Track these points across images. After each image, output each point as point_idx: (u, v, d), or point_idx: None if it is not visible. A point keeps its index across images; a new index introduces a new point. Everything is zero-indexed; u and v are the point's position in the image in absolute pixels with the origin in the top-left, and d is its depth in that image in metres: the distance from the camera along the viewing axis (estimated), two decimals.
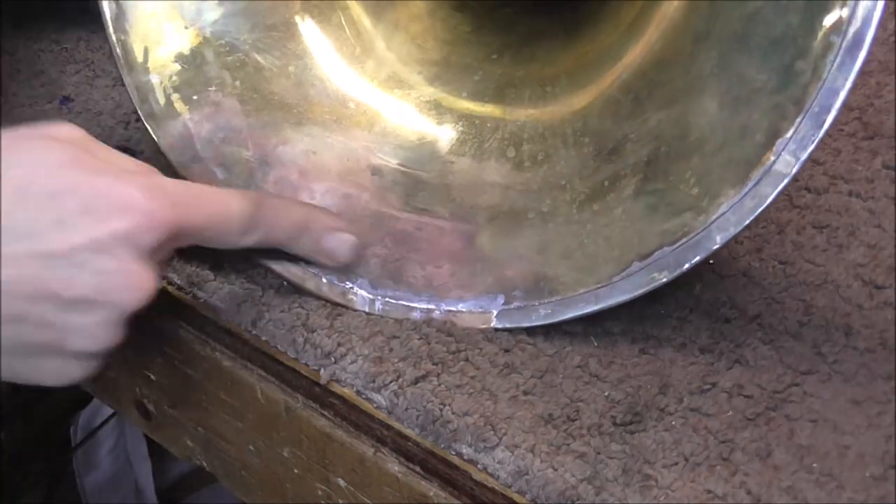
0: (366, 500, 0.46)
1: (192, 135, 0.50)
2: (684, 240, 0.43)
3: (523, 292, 0.47)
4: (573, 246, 0.46)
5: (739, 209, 0.42)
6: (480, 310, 0.47)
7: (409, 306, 0.48)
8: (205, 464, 0.53)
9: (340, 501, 0.47)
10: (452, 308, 0.47)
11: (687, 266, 0.43)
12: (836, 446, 0.42)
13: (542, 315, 0.46)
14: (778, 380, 0.45)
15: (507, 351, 0.46)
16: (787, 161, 0.41)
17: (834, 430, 0.43)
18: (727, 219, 0.42)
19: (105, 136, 0.59)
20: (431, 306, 0.48)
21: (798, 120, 0.41)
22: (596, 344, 0.47)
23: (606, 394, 0.44)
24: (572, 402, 0.44)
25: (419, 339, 0.47)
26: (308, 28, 0.53)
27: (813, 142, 0.41)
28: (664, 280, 0.44)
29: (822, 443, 0.42)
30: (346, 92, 0.52)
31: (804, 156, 0.41)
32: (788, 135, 0.41)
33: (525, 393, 0.44)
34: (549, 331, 0.47)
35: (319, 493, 0.48)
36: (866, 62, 0.40)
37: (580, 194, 0.47)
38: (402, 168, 0.51)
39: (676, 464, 0.42)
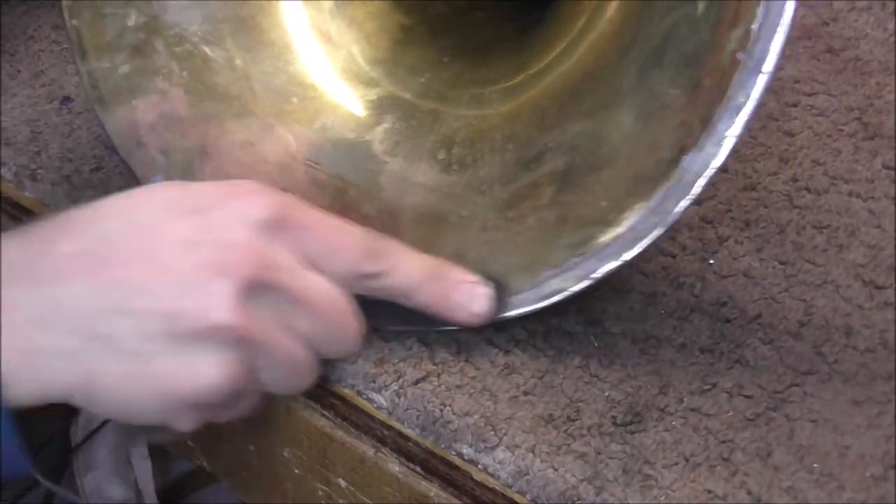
0: (366, 501, 0.46)
1: (137, 121, 0.50)
2: (591, 252, 0.43)
3: None
4: (487, 252, 0.46)
5: (645, 225, 0.42)
6: None
7: None
8: (205, 464, 0.53)
9: (341, 501, 0.47)
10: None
11: (596, 276, 0.43)
12: (837, 446, 0.42)
13: None
14: (778, 380, 0.45)
15: (507, 352, 0.46)
16: (691, 178, 0.41)
17: (834, 430, 0.43)
18: (633, 233, 0.42)
19: (106, 136, 0.58)
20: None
21: (702, 137, 0.41)
22: (596, 344, 0.47)
23: (606, 394, 0.45)
24: (572, 403, 0.44)
25: (419, 340, 0.47)
26: (258, 22, 0.53)
27: (719, 159, 0.41)
28: (572, 290, 0.44)
29: (823, 443, 0.42)
30: (291, 87, 0.53)
31: (709, 172, 0.41)
32: (692, 151, 0.41)
33: (525, 393, 0.45)
34: (549, 331, 0.47)
35: (320, 493, 0.48)
36: (772, 78, 0.40)
37: (498, 200, 0.48)
38: (336, 165, 0.51)
39: (677, 464, 0.42)
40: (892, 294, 0.48)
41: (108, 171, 0.57)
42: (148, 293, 0.40)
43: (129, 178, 0.54)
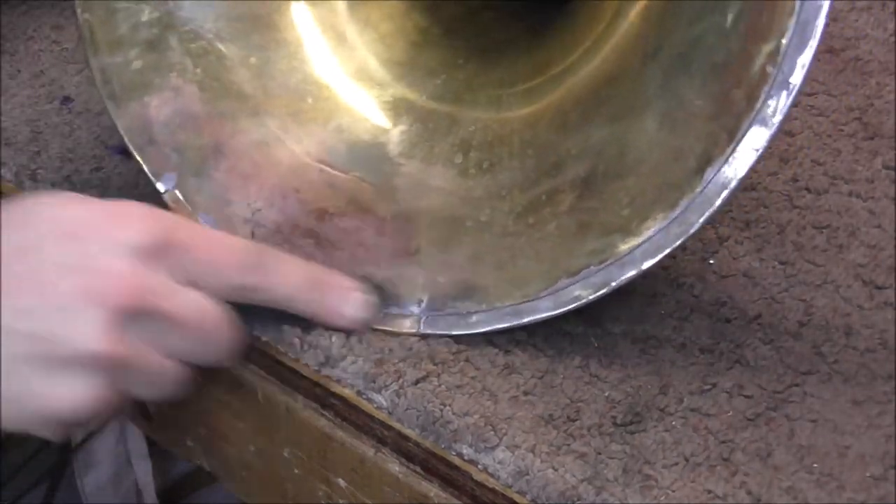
0: (366, 501, 0.46)
1: (150, 118, 0.50)
2: (611, 260, 0.43)
3: (452, 300, 0.47)
4: (505, 258, 0.47)
5: (665, 235, 0.42)
6: (409, 313, 0.47)
7: None
8: (205, 464, 0.53)
9: (341, 501, 0.47)
10: (384, 310, 0.47)
11: (614, 285, 0.43)
12: (837, 446, 0.42)
13: (468, 324, 0.46)
14: (778, 380, 0.45)
15: (507, 351, 0.46)
16: (715, 189, 0.41)
17: (834, 430, 0.43)
18: (654, 243, 0.42)
19: (106, 137, 0.59)
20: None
21: (729, 149, 0.41)
22: (596, 344, 0.47)
23: (606, 394, 0.45)
24: (572, 403, 0.44)
25: (419, 340, 0.47)
26: (273, 21, 0.53)
27: (742, 171, 0.41)
28: (589, 298, 0.44)
29: (823, 443, 0.42)
30: (306, 87, 0.53)
31: (733, 184, 0.41)
32: (719, 163, 0.41)
33: (525, 393, 0.45)
34: (549, 331, 0.47)
35: (320, 493, 0.48)
36: (799, 92, 0.40)
37: (518, 206, 0.47)
38: (351, 167, 0.51)
39: (677, 464, 0.42)
40: (892, 294, 0.48)
41: (107, 171, 0.57)
42: (24, 316, 0.42)
43: (129, 178, 0.55)
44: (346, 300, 0.47)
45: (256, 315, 0.48)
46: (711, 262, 0.50)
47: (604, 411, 0.44)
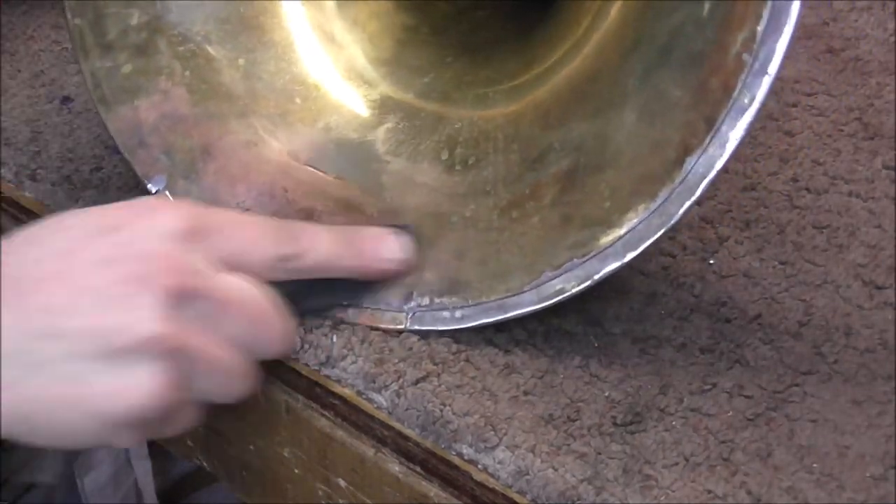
0: (366, 501, 0.46)
1: (140, 121, 0.51)
2: (593, 252, 0.43)
3: (437, 295, 0.47)
4: (490, 253, 0.47)
5: (647, 226, 0.42)
6: (395, 309, 0.47)
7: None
8: (205, 464, 0.53)
9: (341, 501, 0.47)
10: (370, 305, 0.47)
11: (597, 277, 0.43)
12: (837, 446, 0.42)
13: (453, 319, 0.46)
14: (778, 380, 0.45)
15: (507, 351, 0.46)
16: (695, 179, 0.41)
17: (834, 430, 0.43)
18: (635, 234, 0.43)
19: (106, 137, 0.59)
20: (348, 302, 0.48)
21: (707, 138, 0.41)
22: (596, 344, 0.47)
23: (607, 394, 0.45)
24: (573, 403, 0.44)
25: (419, 340, 0.47)
26: (261, 23, 0.53)
27: (722, 160, 0.41)
28: (573, 291, 0.44)
29: (823, 443, 0.42)
30: (294, 87, 0.53)
31: (712, 174, 0.41)
32: (697, 153, 0.41)
33: (525, 393, 0.45)
34: (549, 331, 0.47)
35: (320, 493, 0.48)
36: (776, 79, 0.40)
37: (502, 201, 0.48)
38: (338, 165, 0.51)
39: (677, 464, 0.42)
40: (892, 294, 0.48)
41: (108, 171, 0.57)
42: (72, 313, 0.40)
43: (128, 178, 0.55)
44: (382, 242, 0.47)
45: None
46: (711, 262, 0.50)
47: (604, 411, 0.44)
